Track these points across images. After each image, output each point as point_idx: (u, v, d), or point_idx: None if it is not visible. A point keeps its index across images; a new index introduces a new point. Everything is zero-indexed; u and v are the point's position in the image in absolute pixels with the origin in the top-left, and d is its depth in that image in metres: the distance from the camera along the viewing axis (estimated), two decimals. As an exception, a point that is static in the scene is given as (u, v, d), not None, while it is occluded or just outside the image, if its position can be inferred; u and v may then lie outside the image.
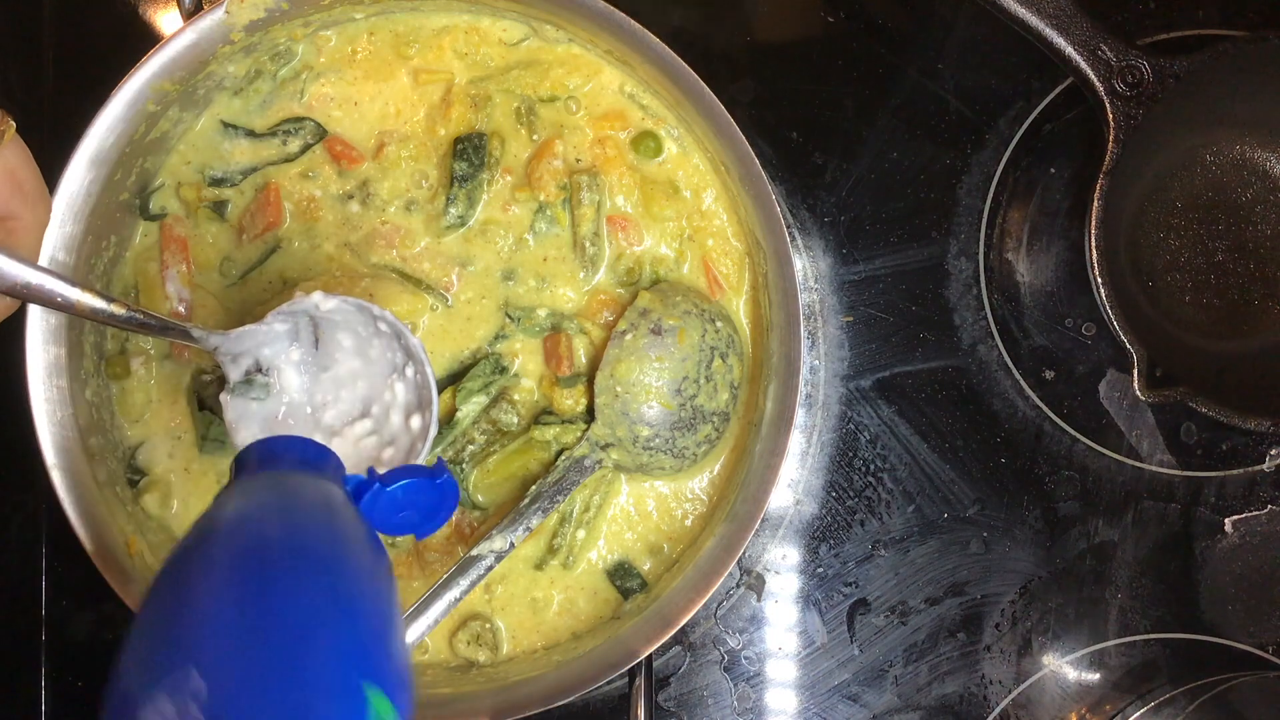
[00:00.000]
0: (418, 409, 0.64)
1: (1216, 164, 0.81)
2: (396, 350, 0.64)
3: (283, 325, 0.62)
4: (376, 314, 0.62)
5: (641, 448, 0.72)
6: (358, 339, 0.64)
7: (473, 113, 0.74)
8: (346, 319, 0.63)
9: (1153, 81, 0.74)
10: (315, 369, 0.64)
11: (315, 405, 0.64)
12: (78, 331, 0.70)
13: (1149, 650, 0.84)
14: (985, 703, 0.83)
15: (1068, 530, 0.84)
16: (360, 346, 0.64)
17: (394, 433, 0.64)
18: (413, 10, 0.74)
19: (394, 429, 0.64)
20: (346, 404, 0.65)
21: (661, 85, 0.70)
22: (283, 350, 0.63)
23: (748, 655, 0.83)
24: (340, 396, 0.64)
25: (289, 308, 0.61)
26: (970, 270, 0.84)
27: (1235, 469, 0.84)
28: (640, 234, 0.74)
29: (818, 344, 0.84)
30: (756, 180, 0.68)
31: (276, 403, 0.64)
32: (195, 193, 0.73)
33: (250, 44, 0.70)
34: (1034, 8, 0.73)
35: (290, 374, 0.63)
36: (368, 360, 0.64)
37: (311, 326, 0.63)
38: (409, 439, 0.64)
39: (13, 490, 0.81)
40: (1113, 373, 0.84)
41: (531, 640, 0.74)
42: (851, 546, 0.83)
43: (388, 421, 0.64)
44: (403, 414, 0.64)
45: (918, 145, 0.84)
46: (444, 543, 0.74)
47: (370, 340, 0.64)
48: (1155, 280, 0.81)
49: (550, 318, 0.74)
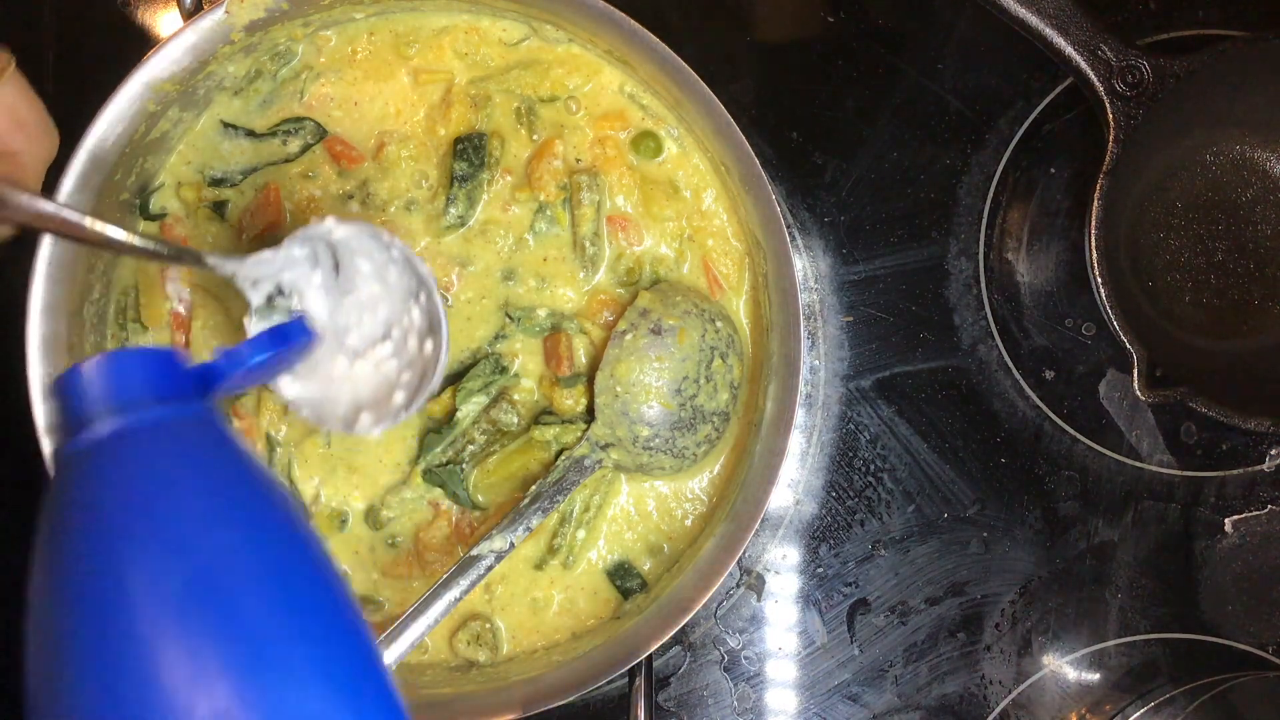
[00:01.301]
0: (429, 334, 0.64)
1: (1216, 164, 0.81)
2: (410, 275, 0.64)
3: (301, 250, 0.63)
4: (387, 240, 0.63)
5: (641, 448, 0.72)
6: (375, 264, 0.64)
7: (473, 113, 0.74)
8: (362, 245, 0.63)
9: (1153, 81, 0.74)
10: (338, 293, 0.64)
11: (339, 329, 0.64)
12: (78, 332, 0.70)
13: (1149, 650, 0.84)
14: (985, 703, 0.83)
15: (1068, 530, 0.84)
16: (379, 271, 0.65)
17: (411, 356, 0.65)
18: (413, 10, 0.74)
19: (411, 353, 0.65)
20: (369, 327, 0.65)
21: (661, 85, 0.70)
22: (305, 275, 0.63)
23: (748, 655, 0.83)
24: (363, 320, 0.65)
25: (304, 233, 0.62)
26: (970, 270, 0.84)
27: (1235, 469, 0.84)
28: (640, 234, 0.74)
29: (818, 344, 0.84)
30: (756, 180, 0.68)
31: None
32: (195, 193, 0.73)
33: (250, 44, 0.70)
34: (1034, 8, 0.73)
35: (314, 297, 0.64)
36: (387, 285, 0.65)
37: (330, 253, 0.64)
38: (423, 363, 0.64)
39: (14, 490, 0.81)
40: (1113, 373, 0.84)
41: (531, 640, 0.74)
42: (851, 546, 0.83)
43: (406, 345, 0.65)
44: (418, 339, 0.65)
45: (918, 145, 0.84)
46: (444, 543, 0.74)
47: (386, 266, 0.64)
48: (1155, 280, 0.81)
49: (550, 318, 0.74)
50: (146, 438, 0.43)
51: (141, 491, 0.41)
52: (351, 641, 0.42)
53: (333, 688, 0.40)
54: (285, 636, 0.40)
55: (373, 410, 0.63)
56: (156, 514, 0.41)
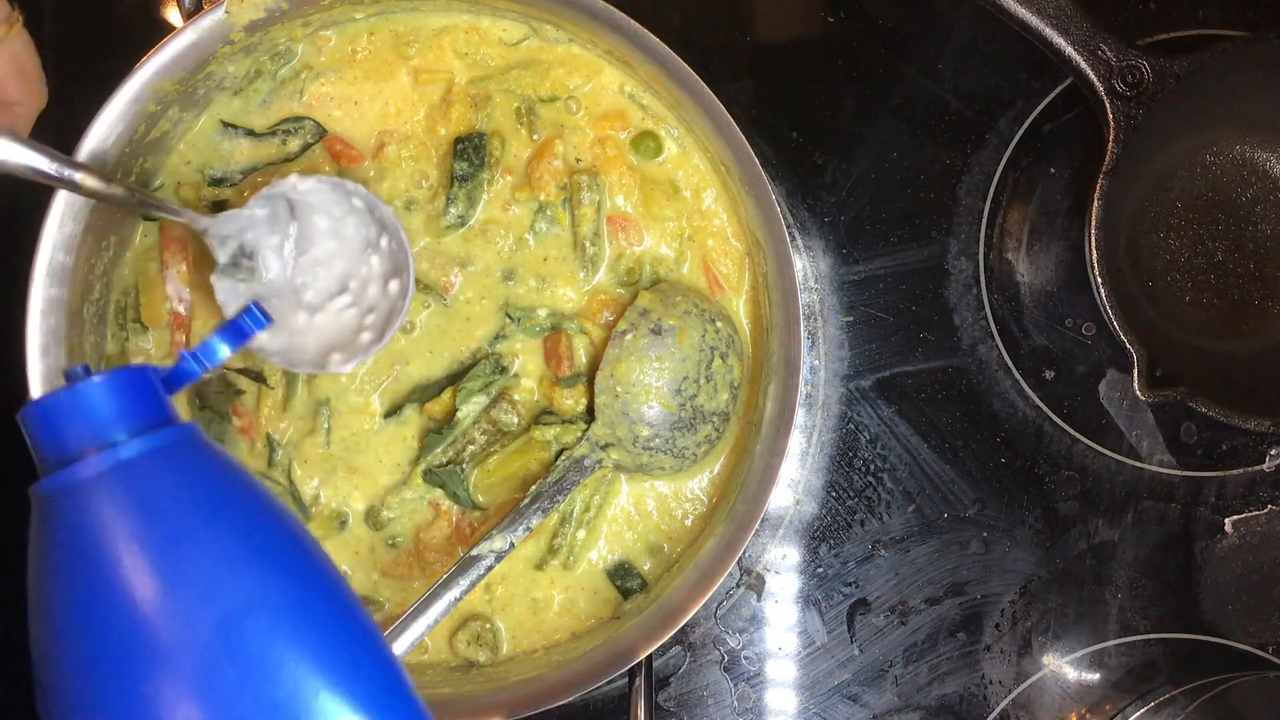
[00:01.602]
0: (395, 274, 0.68)
1: (1216, 164, 0.81)
2: (370, 225, 0.68)
3: (262, 210, 0.66)
4: (350, 189, 0.67)
5: (641, 448, 0.72)
6: (333, 220, 0.68)
7: (473, 112, 0.74)
8: (322, 201, 0.67)
9: (1153, 81, 0.74)
10: (294, 252, 0.68)
11: (296, 286, 0.68)
12: (78, 332, 0.70)
13: (1149, 650, 0.84)
14: (985, 703, 0.83)
15: (1068, 530, 0.84)
16: (335, 227, 0.68)
17: (372, 301, 0.68)
18: (412, 10, 0.74)
19: (372, 298, 0.68)
20: (324, 282, 0.68)
21: (661, 85, 0.70)
22: (263, 235, 0.67)
23: (748, 655, 0.83)
24: (318, 275, 0.68)
25: (268, 191, 0.66)
26: (970, 270, 0.84)
27: (1235, 469, 0.84)
28: (640, 234, 0.74)
29: (818, 344, 0.84)
30: (756, 180, 0.68)
31: (260, 284, 0.67)
32: (195, 193, 0.73)
33: (250, 44, 0.70)
34: (1034, 8, 0.73)
35: (270, 258, 0.67)
36: (343, 239, 0.68)
37: (289, 211, 0.67)
38: (388, 303, 0.68)
39: (14, 490, 0.81)
40: (1113, 373, 0.84)
41: (532, 640, 0.74)
42: (851, 546, 0.83)
43: (365, 293, 0.68)
44: (381, 283, 0.68)
45: (918, 145, 0.84)
46: (444, 543, 0.74)
47: (344, 220, 0.68)
48: (1155, 280, 0.81)
49: (550, 318, 0.74)
50: (139, 471, 0.40)
51: (150, 531, 0.39)
52: (382, 662, 0.41)
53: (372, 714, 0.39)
54: (322, 674, 0.39)
55: (341, 350, 0.67)
56: (170, 559, 0.38)
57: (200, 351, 0.53)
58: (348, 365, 0.67)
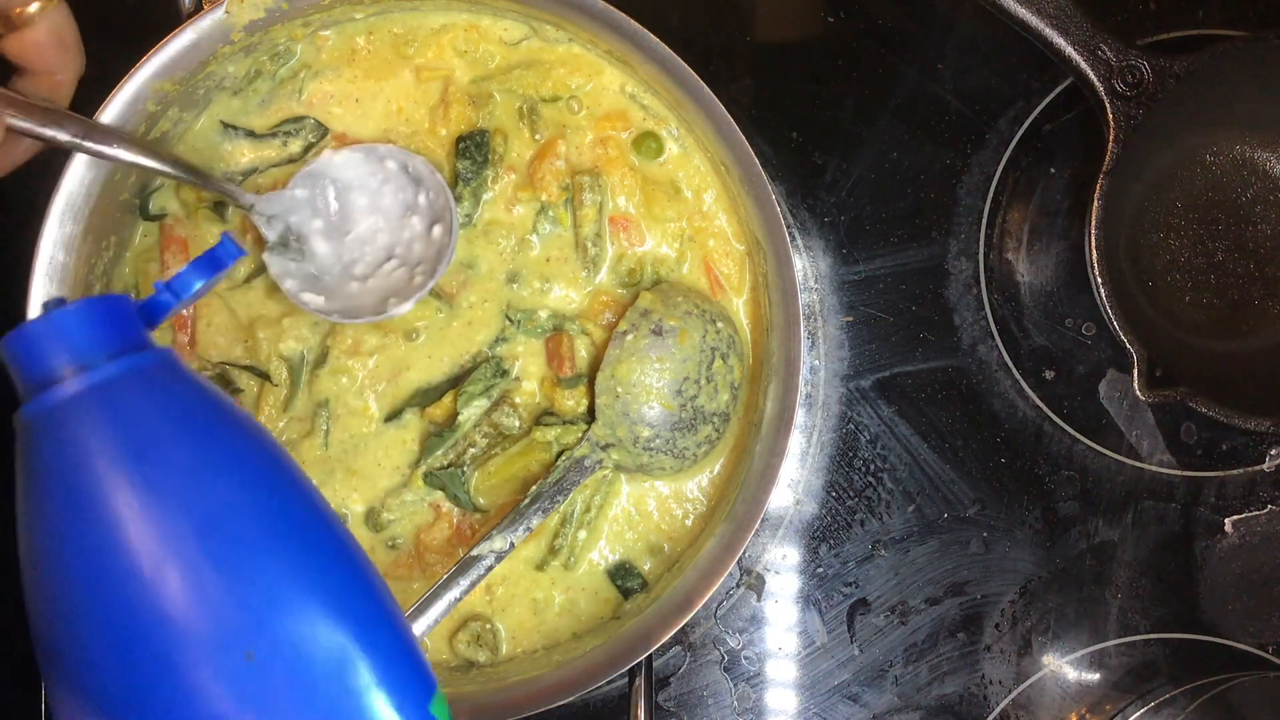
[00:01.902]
0: (437, 220, 0.71)
1: (1216, 164, 0.81)
2: (406, 186, 0.71)
3: (303, 192, 0.70)
4: (382, 153, 0.70)
5: (642, 448, 0.72)
6: (370, 194, 0.71)
7: (474, 111, 0.74)
8: (358, 174, 0.70)
9: (1153, 81, 0.74)
10: (339, 234, 0.71)
11: (345, 264, 0.71)
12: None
13: (1149, 650, 0.84)
14: (985, 703, 0.83)
15: (1068, 530, 0.84)
16: (373, 201, 0.71)
17: (419, 255, 0.71)
18: (413, 10, 0.74)
19: (418, 254, 0.71)
20: (372, 255, 0.71)
21: (662, 85, 0.70)
22: (306, 220, 0.70)
23: (748, 655, 0.83)
24: (364, 252, 0.71)
25: (307, 171, 0.70)
26: (970, 270, 0.84)
27: (1235, 469, 0.84)
28: (642, 234, 0.74)
29: (818, 344, 0.84)
30: (756, 180, 0.68)
31: (311, 265, 0.70)
32: (195, 193, 0.73)
33: (250, 44, 0.70)
34: (1034, 8, 0.73)
35: (317, 243, 0.71)
36: (382, 211, 0.71)
37: (330, 193, 0.70)
38: (435, 250, 0.71)
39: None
40: (1113, 373, 0.84)
41: (532, 640, 0.74)
42: (851, 546, 0.83)
43: (411, 252, 0.71)
44: (424, 237, 0.71)
45: (918, 145, 0.84)
46: (444, 543, 0.74)
47: (381, 191, 0.71)
48: (1155, 280, 0.81)
49: (552, 318, 0.74)
50: (118, 390, 0.42)
51: (129, 445, 0.40)
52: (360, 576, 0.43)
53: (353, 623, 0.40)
54: (297, 575, 0.40)
55: (397, 296, 0.70)
56: (149, 468, 0.40)
57: (174, 282, 0.52)
58: (407, 306, 0.69)
